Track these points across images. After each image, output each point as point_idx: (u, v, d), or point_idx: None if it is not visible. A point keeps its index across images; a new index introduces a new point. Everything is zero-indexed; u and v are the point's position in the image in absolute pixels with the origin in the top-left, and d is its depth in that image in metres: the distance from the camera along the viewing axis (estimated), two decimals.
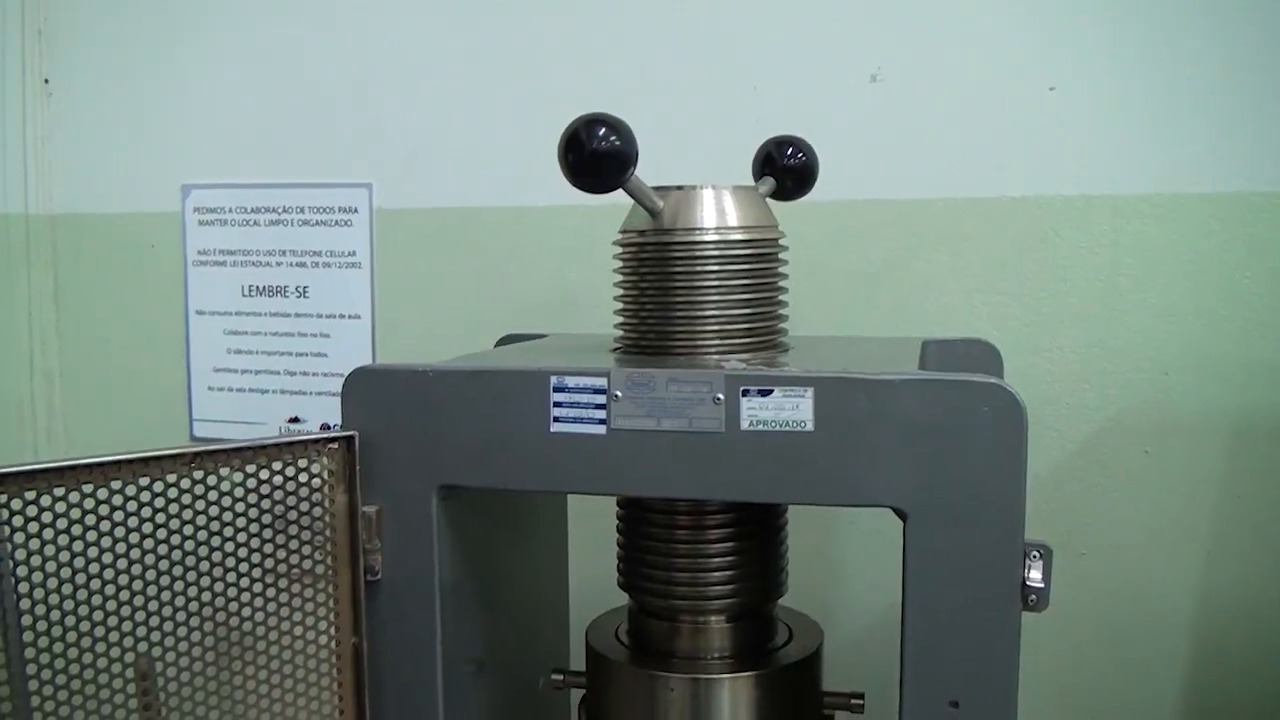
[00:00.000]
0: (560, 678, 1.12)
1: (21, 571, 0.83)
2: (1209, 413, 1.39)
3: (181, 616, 0.91)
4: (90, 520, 0.86)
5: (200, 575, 0.91)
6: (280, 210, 1.67)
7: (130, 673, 0.89)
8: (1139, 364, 1.40)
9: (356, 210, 1.64)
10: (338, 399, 0.96)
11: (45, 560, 0.84)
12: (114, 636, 0.87)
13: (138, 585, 0.88)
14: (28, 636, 0.84)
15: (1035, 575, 0.84)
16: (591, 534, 1.29)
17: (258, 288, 1.70)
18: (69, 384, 1.86)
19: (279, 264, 1.68)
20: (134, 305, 1.80)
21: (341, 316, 1.66)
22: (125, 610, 0.88)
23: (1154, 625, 1.43)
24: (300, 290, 1.68)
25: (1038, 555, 0.84)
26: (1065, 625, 1.42)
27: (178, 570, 0.90)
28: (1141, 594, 1.43)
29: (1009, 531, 0.83)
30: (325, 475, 0.95)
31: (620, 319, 1.04)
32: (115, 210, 1.78)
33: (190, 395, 1.76)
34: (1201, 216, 1.36)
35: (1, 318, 1.79)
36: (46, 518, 0.84)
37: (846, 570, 1.50)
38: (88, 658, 0.86)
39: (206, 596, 0.92)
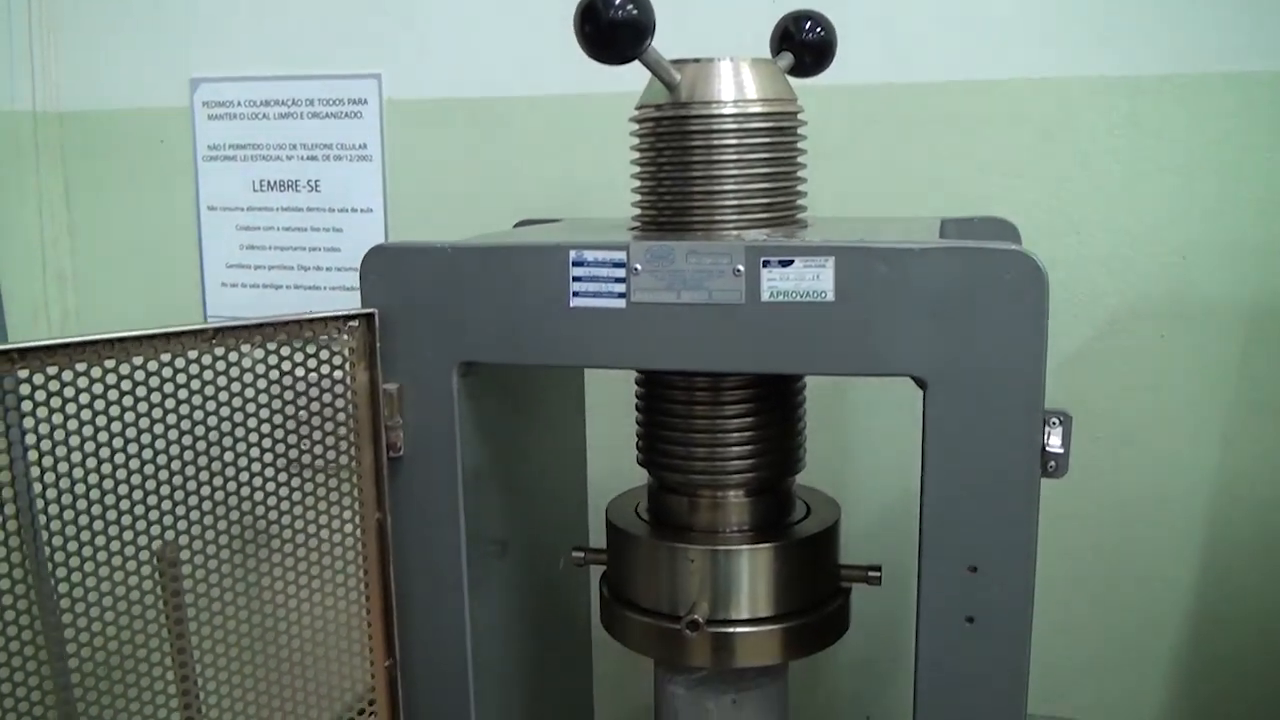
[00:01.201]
0: (581, 555, 1.14)
1: (45, 445, 0.84)
2: (1226, 297, 1.38)
3: (205, 492, 0.92)
4: (113, 395, 0.86)
5: (224, 450, 0.92)
6: (290, 103, 1.66)
7: (146, 555, 0.90)
8: (1157, 248, 1.39)
9: (366, 102, 1.62)
10: (351, 293, 0.95)
11: (68, 434, 0.85)
12: (134, 518, 0.88)
13: (161, 462, 0.89)
14: (43, 519, 0.85)
15: (1055, 442, 0.84)
16: (609, 419, 1.30)
17: (269, 182, 1.69)
18: (82, 285, 1.85)
19: (289, 158, 1.67)
20: (145, 203, 1.79)
21: (353, 210, 1.66)
22: (147, 490, 0.89)
23: (1167, 510, 1.44)
24: (312, 184, 1.67)
25: (1057, 422, 0.84)
26: (1078, 510, 1.43)
27: (201, 446, 0.91)
28: (1156, 478, 1.43)
29: (1029, 399, 0.83)
30: (346, 353, 0.95)
31: (637, 197, 1.03)
32: (124, 106, 1.77)
33: (204, 292, 1.76)
34: (1223, 96, 1.34)
35: (13, 219, 1.78)
36: (69, 393, 0.84)
37: (863, 456, 1.51)
38: (102, 540, 0.87)
39: (231, 472, 0.93)
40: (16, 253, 1.78)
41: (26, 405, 0.83)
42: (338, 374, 0.95)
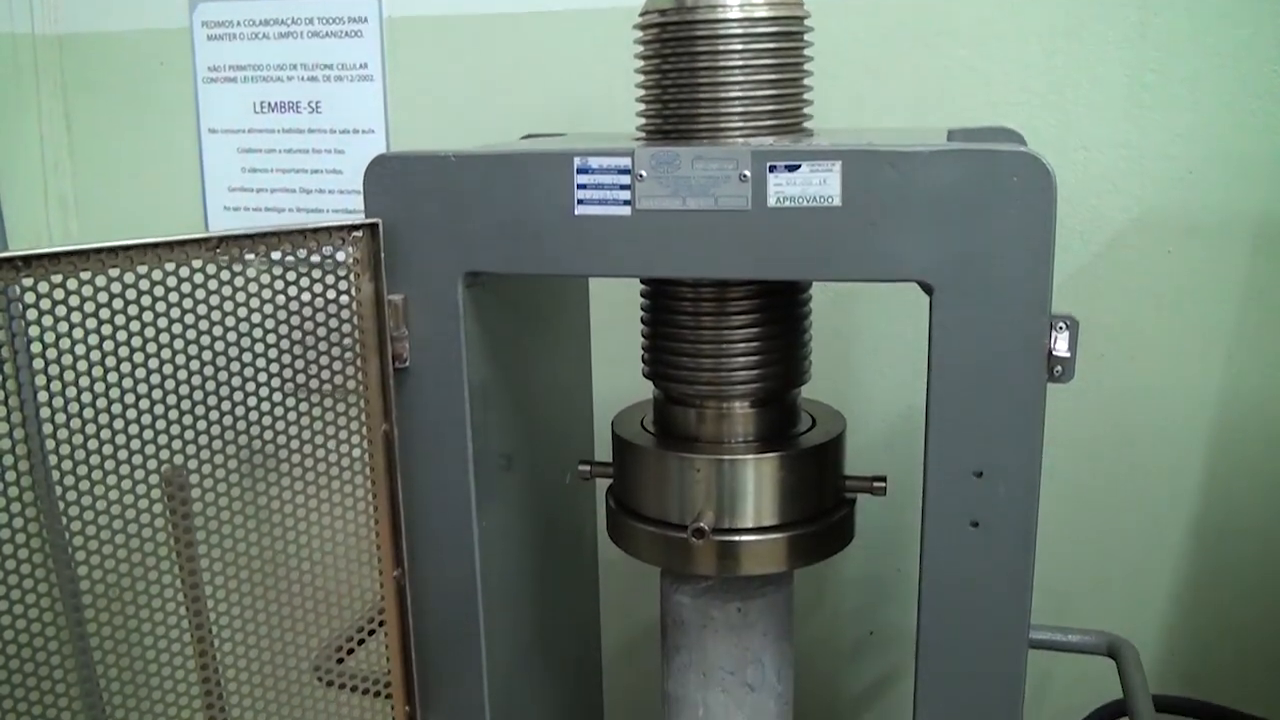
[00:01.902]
0: (587, 469, 1.14)
1: (51, 354, 0.84)
2: (1233, 212, 1.37)
3: (212, 402, 0.92)
4: (117, 305, 0.86)
5: (230, 361, 0.92)
6: (289, 21, 1.64)
7: (154, 464, 0.91)
8: (1164, 163, 1.38)
9: (366, 20, 1.60)
10: (354, 216, 0.95)
11: (74, 344, 0.85)
12: (141, 428, 0.88)
13: (167, 372, 0.89)
14: (49, 428, 0.85)
15: (1061, 346, 0.84)
16: (615, 336, 1.30)
17: (269, 104, 1.68)
18: (84, 209, 1.85)
19: (290, 79, 1.66)
20: (146, 126, 1.78)
21: (355, 131, 1.64)
22: (154, 400, 0.89)
23: (1171, 427, 1.44)
24: (313, 105, 1.66)
25: (1064, 326, 0.84)
26: (1080, 426, 1.44)
27: (207, 356, 0.91)
28: (1159, 395, 1.43)
29: (1036, 302, 0.83)
30: (350, 263, 0.95)
31: (642, 106, 1.02)
32: (123, 27, 1.75)
33: (206, 216, 1.76)
34: (1234, 7, 1.32)
35: (14, 144, 1.77)
36: (74, 301, 0.84)
37: (868, 375, 1.51)
38: (110, 449, 0.87)
39: (237, 382, 0.93)
40: (18, 177, 1.78)
41: (31, 314, 0.83)
42: (342, 284, 0.95)
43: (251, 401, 0.94)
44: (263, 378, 0.94)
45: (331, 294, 0.95)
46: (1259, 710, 1.31)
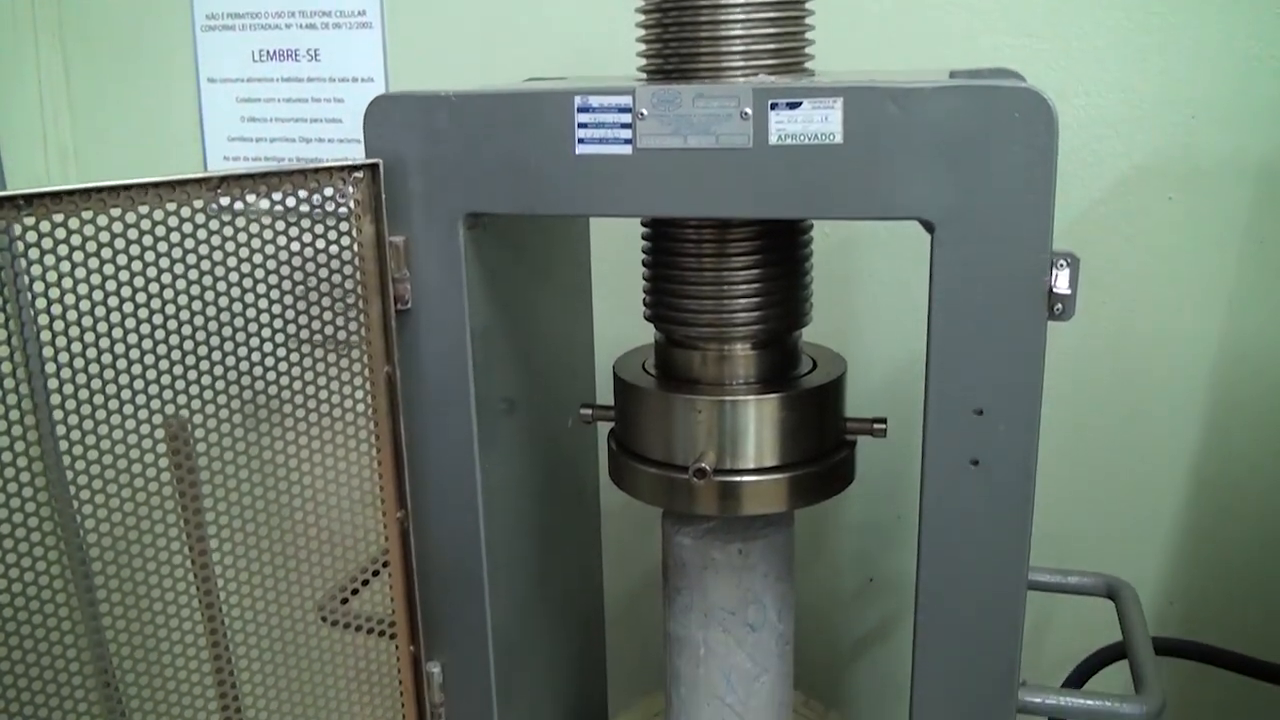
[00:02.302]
0: (589, 412, 1.15)
1: (54, 294, 0.84)
2: (1235, 157, 1.37)
3: (215, 342, 0.92)
4: (119, 245, 0.86)
5: (232, 302, 0.92)
6: None
7: (157, 404, 0.91)
8: (1165, 108, 1.37)
9: None
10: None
11: (75, 283, 0.85)
12: (144, 368, 0.89)
13: (169, 312, 0.89)
14: (51, 367, 0.85)
15: (1062, 283, 0.84)
16: (615, 285, 1.31)
17: (268, 52, 1.67)
18: (84, 160, 1.84)
19: (289, 26, 1.65)
20: (145, 76, 1.76)
21: (354, 80, 1.64)
22: (156, 340, 0.89)
23: (1171, 375, 1.44)
24: (311, 53, 1.65)
25: (1064, 264, 0.84)
26: (1081, 373, 1.44)
27: (209, 297, 0.91)
28: (1160, 342, 1.43)
29: (1037, 239, 0.83)
30: (351, 205, 0.95)
31: (642, 46, 1.02)
32: None
33: (205, 167, 1.75)
34: None
35: (13, 94, 1.76)
36: (75, 240, 0.84)
37: (868, 321, 1.51)
38: (112, 389, 0.87)
39: (240, 323, 0.93)
40: (17, 128, 1.77)
41: (33, 254, 0.83)
42: (343, 226, 0.95)
43: (254, 343, 0.94)
44: (265, 318, 0.94)
45: (333, 235, 0.95)
46: (1258, 653, 1.33)
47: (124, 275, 0.86)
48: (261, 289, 0.93)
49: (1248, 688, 1.35)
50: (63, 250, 0.83)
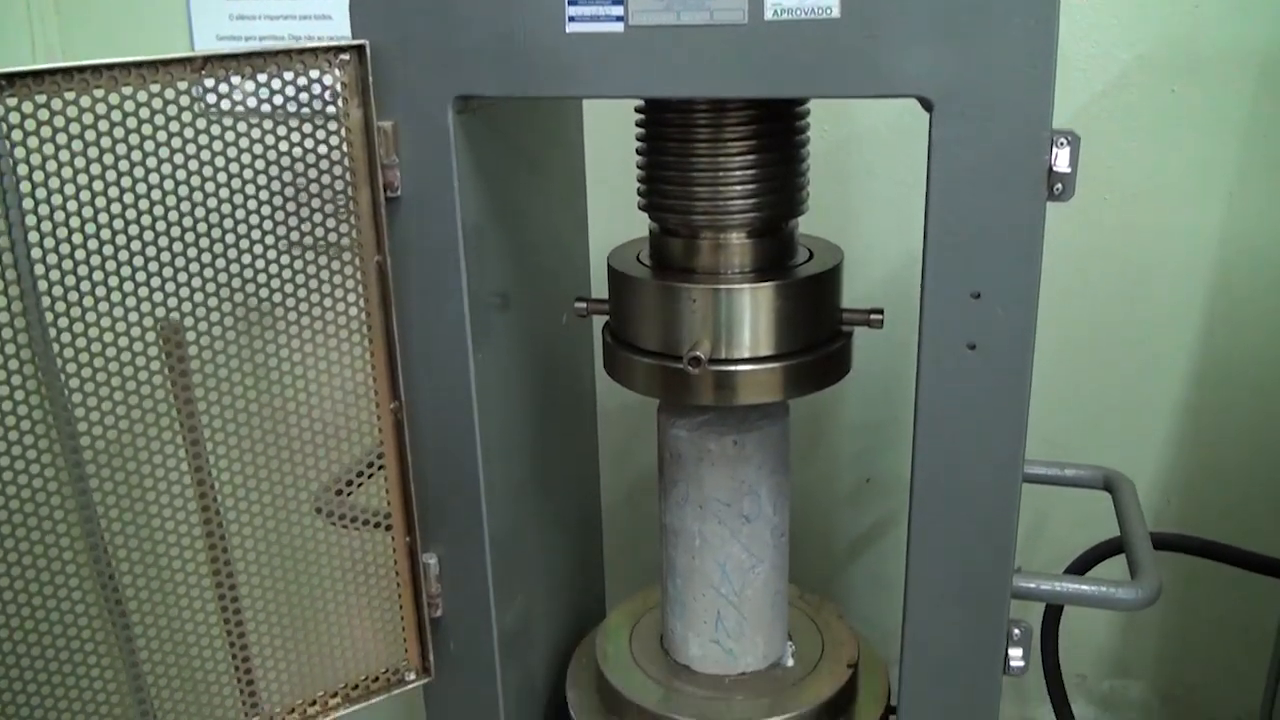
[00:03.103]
0: (584, 305, 1.14)
1: (39, 177, 0.83)
2: (1238, 47, 1.34)
3: (202, 229, 0.90)
4: (103, 127, 0.84)
5: (219, 188, 0.90)
6: None
7: (147, 299, 0.90)
8: None
9: None
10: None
11: (60, 166, 0.83)
12: (129, 256, 0.88)
13: (155, 198, 0.88)
14: (39, 252, 0.84)
15: (1062, 161, 0.83)
16: (609, 179, 1.29)
17: None
18: (71, 60, 1.81)
19: None
20: None
21: None
22: (143, 225, 0.88)
23: (1172, 270, 1.43)
24: None
25: (1064, 142, 0.82)
26: (1083, 270, 1.43)
27: (195, 182, 0.89)
28: (1162, 237, 1.42)
29: (1037, 116, 0.81)
30: (338, 88, 0.93)
31: None
32: None
33: None
34: None
35: None
36: (59, 122, 0.83)
37: (865, 219, 1.50)
38: (100, 275, 0.86)
39: (226, 209, 0.91)
40: (4, 29, 1.74)
41: (16, 135, 0.82)
42: (331, 110, 0.93)
43: (241, 229, 0.92)
44: (252, 204, 0.92)
45: (320, 119, 0.93)
46: (1255, 547, 1.33)
47: (108, 159, 0.85)
48: (248, 174, 0.91)
49: (1243, 586, 1.36)
50: (46, 132, 0.82)
